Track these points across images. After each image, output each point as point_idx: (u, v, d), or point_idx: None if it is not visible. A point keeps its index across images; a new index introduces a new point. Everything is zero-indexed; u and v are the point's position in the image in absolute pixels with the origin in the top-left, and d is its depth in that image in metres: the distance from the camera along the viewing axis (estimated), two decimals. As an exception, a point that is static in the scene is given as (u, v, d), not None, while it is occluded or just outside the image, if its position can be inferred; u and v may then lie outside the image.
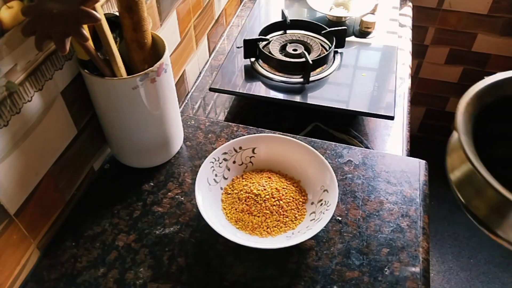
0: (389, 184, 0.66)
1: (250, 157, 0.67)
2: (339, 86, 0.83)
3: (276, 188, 0.62)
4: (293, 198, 0.62)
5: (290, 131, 0.76)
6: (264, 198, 0.61)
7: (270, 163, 0.67)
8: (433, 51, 1.60)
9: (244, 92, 0.83)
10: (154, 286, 0.55)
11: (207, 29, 0.98)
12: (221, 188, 0.64)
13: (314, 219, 0.59)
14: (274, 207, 0.60)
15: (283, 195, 0.62)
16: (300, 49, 0.89)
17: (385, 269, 0.56)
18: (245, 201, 0.61)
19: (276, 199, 0.61)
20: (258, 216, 0.60)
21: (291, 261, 0.57)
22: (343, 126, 0.84)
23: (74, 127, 0.61)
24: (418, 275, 0.55)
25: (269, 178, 0.64)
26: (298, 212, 0.61)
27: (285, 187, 0.63)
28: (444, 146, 0.60)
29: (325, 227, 0.57)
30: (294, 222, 0.60)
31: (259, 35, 0.92)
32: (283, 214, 0.60)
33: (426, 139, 1.84)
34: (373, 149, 0.79)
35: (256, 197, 0.61)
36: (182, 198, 0.65)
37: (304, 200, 0.63)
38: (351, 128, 0.84)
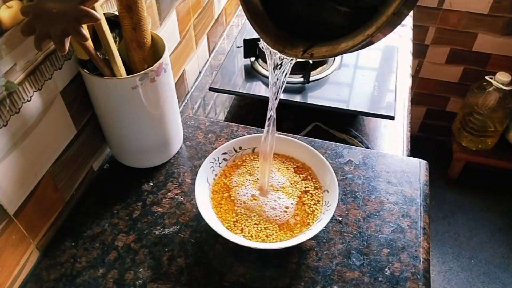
0: (390, 184, 0.66)
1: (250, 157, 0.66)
2: (339, 86, 0.83)
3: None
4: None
5: (290, 131, 0.76)
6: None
7: (270, 163, 0.67)
8: (434, 51, 1.60)
9: (244, 92, 0.83)
10: (154, 287, 0.55)
11: (207, 28, 0.98)
12: (221, 188, 0.64)
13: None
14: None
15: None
16: (300, 49, 0.89)
17: (386, 269, 0.56)
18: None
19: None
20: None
21: (291, 261, 0.57)
22: (343, 126, 0.84)
23: (74, 127, 0.61)
24: (418, 275, 0.55)
25: (269, 178, 0.64)
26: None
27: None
28: (444, 146, 0.60)
29: (325, 227, 0.57)
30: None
31: (259, 35, 0.91)
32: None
33: (427, 139, 1.84)
34: (374, 149, 0.79)
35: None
36: (182, 198, 0.64)
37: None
38: (351, 128, 0.84)
